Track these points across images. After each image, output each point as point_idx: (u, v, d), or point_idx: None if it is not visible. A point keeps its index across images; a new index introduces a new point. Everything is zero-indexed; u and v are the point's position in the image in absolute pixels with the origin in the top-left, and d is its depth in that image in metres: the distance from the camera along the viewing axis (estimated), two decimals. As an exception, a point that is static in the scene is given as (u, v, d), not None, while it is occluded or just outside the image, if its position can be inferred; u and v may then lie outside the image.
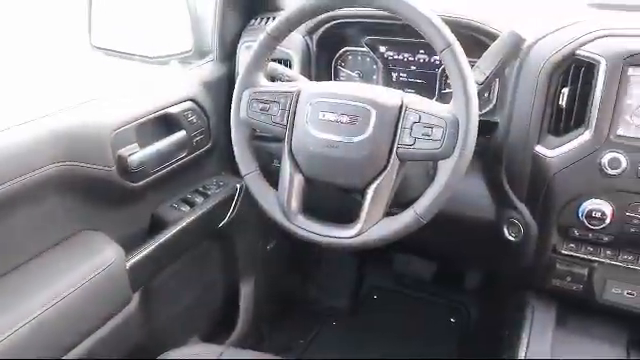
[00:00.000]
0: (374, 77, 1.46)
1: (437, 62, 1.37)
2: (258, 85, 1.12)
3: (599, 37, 1.07)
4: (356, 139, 1.00)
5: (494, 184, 1.27)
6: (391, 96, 1.02)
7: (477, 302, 2.00)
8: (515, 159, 1.19)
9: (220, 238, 1.64)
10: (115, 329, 1.27)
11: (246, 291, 1.76)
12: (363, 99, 1.01)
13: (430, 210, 0.97)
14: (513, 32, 1.05)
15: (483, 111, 1.31)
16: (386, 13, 1.01)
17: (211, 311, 1.74)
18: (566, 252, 1.17)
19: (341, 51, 1.48)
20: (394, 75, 1.43)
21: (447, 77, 1.11)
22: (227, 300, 1.77)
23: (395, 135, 0.99)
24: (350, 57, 1.48)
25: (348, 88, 1.05)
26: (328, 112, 1.03)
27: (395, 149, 0.99)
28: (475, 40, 1.24)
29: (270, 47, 1.11)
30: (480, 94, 1.10)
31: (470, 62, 1.08)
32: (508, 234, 1.25)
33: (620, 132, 1.05)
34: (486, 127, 1.25)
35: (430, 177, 1.00)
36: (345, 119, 1.01)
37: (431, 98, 1.32)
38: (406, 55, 1.40)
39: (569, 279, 1.18)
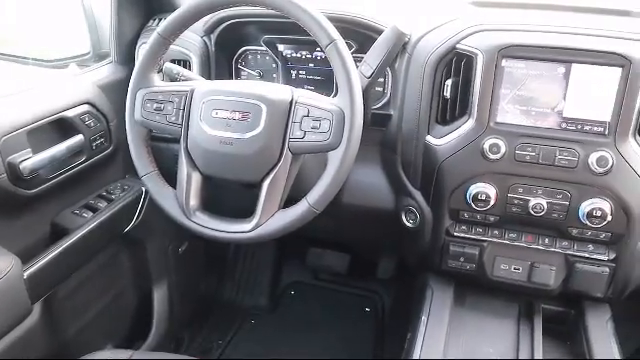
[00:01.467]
0: (274, 75, 1.48)
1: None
2: (152, 85, 1.12)
3: (476, 32, 1.15)
4: (248, 135, 1.03)
5: (391, 174, 1.33)
6: (281, 91, 1.05)
7: (390, 290, 2.07)
8: (408, 149, 1.25)
9: (129, 243, 1.61)
10: (17, 341, 1.23)
11: (159, 295, 1.74)
12: (254, 95, 1.04)
13: (322, 200, 1.01)
14: (395, 27, 1.11)
15: (378, 105, 1.37)
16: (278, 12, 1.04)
17: (125, 318, 1.71)
18: (458, 234, 1.25)
19: (240, 51, 1.50)
20: (293, 73, 1.47)
21: None
22: (141, 306, 1.74)
23: (286, 129, 1.03)
24: (250, 56, 1.50)
25: (239, 85, 1.08)
26: (221, 109, 1.05)
27: (287, 143, 1.02)
28: (367, 37, 1.29)
29: (162, 47, 1.11)
30: (370, 87, 1.16)
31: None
32: (406, 221, 1.31)
33: (499, 119, 1.13)
34: (381, 119, 1.31)
35: None
36: (237, 116, 1.04)
37: (329, 94, 1.37)
38: (304, 53, 1.44)
39: (462, 259, 1.25)
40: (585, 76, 1.08)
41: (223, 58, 1.48)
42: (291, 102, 1.03)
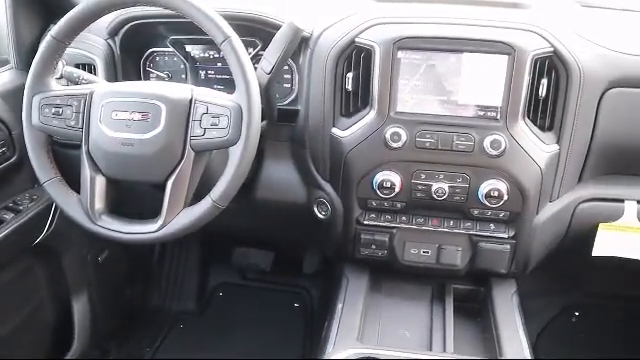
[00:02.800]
0: (183, 76, 1.48)
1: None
2: (49, 90, 1.10)
3: (373, 25, 1.19)
4: (149, 135, 1.03)
5: (302, 168, 1.35)
6: (180, 90, 1.06)
7: (317, 284, 2.10)
8: (316, 142, 1.28)
9: (43, 254, 1.56)
10: None
11: (80, 306, 1.70)
12: (153, 95, 1.04)
13: (225, 195, 1.02)
14: (291, 23, 1.13)
15: (286, 101, 1.39)
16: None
17: (44, 332, 1.66)
18: (368, 222, 1.28)
19: (148, 52, 1.48)
20: (202, 73, 1.46)
21: None
22: (61, 318, 1.69)
23: (187, 127, 1.03)
24: (158, 58, 1.49)
25: (138, 86, 1.08)
26: (120, 111, 1.05)
27: (188, 141, 1.03)
28: (271, 35, 1.31)
29: (57, 51, 1.10)
30: (271, 82, 1.17)
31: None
32: (318, 212, 1.34)
33: (399, 109, 1.18)
34: (290, 115, 1.33)
35: None
36: (137, 116, 1.04)
37: None
38: (211, 53, 1.44)
39: (374, 247, 1.29)
40: (476, 64, 1.14)
41: (130, 61, 1.46)
42: (191, 100, 1.04)
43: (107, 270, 1.81)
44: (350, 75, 1.20)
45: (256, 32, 1.33)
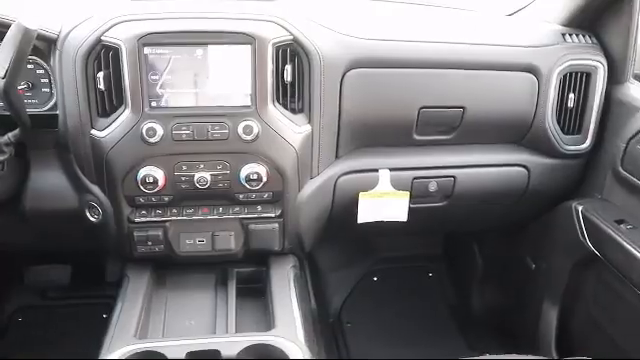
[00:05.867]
0: None
1: None
2: None
3: (117, 23, 1.19)
4: None
5: (70, 173, 1.33)
6: None
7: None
8: (78, 145, 1.26)
9: None
10: None
11: None
12: None
13: None
14: (18, 23, 1.09)
15: (47, 106, 1.33)
16: None
17: None
18: (139, 220, 1.29)
19: None
20: None
21: None
22: None
23: None
24: None
25: None
26: None
27: None
28: None
29: None
30: (9, 87, 1.12)
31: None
32: (90, 216, 1.33)
33: (153, 104, 1.20)
34: (50, 121, 1.29)
35: None
36: None
37: None
38: None
39: (150, 243, 1.30)
40: (222, 55, 1.20)
41: None
42: None
43: None
44: (101, 75, 1.19)
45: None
